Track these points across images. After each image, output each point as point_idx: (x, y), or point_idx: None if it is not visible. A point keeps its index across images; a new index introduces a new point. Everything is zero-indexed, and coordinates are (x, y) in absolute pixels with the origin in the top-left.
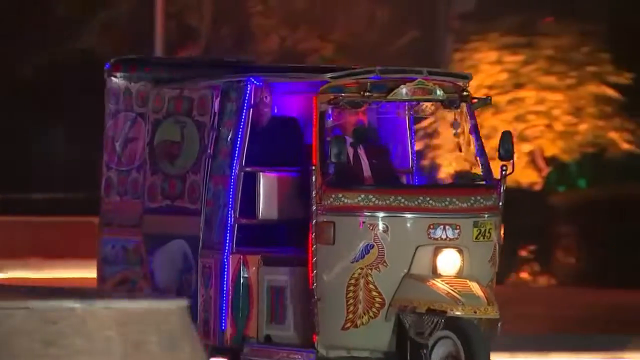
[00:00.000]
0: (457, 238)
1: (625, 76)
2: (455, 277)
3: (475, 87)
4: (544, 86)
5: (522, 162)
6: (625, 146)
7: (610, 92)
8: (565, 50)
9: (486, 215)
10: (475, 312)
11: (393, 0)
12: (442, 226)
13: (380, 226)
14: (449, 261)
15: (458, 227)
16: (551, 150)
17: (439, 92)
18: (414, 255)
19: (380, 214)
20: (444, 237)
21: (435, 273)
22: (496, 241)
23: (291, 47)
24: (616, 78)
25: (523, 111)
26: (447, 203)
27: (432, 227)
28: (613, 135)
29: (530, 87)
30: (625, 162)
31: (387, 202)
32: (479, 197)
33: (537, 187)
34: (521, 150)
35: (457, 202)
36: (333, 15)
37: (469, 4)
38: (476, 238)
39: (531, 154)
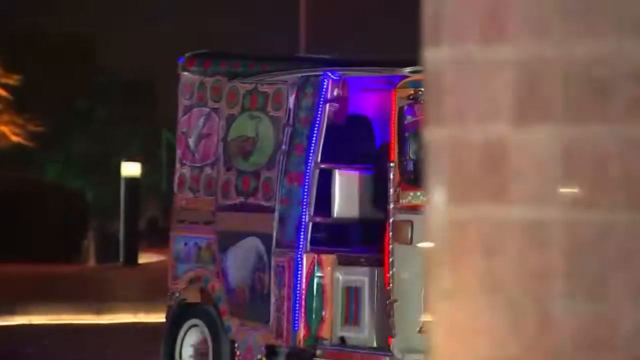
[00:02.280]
0: None
1: (13, 78)
2: None
3: None
4: None
5: None
6: (15, 139)
7: (1, 92)
8: None
9: None
10: None
11: None
12: None
13: None
14: None
15: None
16: None
17: None
18: None
19: None
20: None
21: None
22: None
23: None
24: (6, 79)
25: None
26: None
27: None
28: (3, 128)
29: None
30: (16, 153)
31: None
32: None
33: None
34: None
35: None
36: None
37: None
38: None
39: None
